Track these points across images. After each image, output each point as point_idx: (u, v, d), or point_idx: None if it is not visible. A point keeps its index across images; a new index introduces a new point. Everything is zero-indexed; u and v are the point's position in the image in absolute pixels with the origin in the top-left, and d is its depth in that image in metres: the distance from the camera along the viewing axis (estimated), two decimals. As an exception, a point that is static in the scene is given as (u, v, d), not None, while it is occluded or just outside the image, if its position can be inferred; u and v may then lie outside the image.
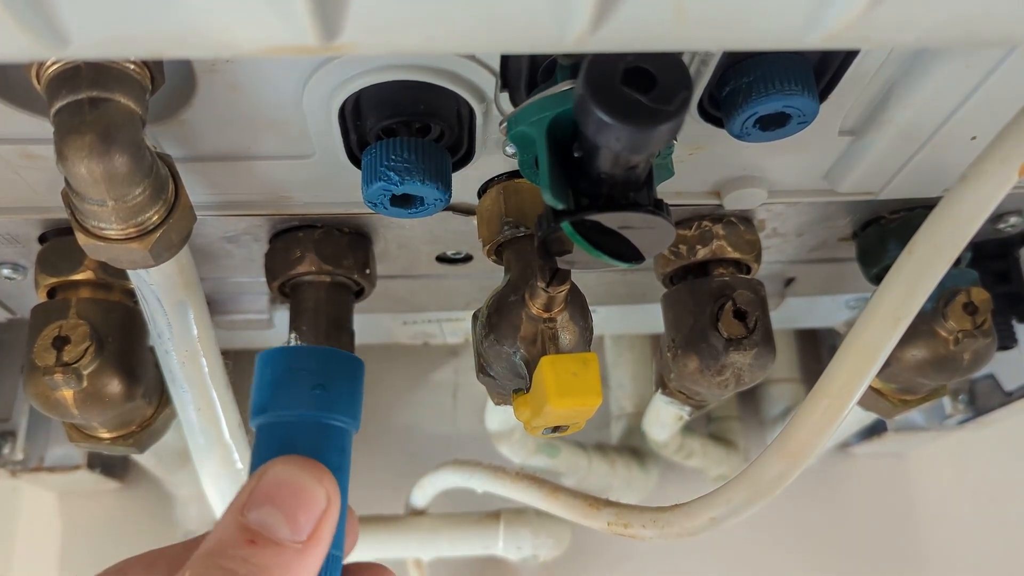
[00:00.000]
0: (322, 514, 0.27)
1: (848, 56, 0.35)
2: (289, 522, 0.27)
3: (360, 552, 0.73)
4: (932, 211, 0.28)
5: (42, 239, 0.48)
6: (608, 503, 0.55)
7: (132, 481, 0.88)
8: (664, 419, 0.68)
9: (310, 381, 0.33)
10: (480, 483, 0.66)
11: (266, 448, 0.31)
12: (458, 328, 0.74)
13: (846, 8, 0.22)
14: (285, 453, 0.30)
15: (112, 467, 0.84)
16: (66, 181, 0.33)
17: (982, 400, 0.73)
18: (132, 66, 0.32)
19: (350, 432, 0.34)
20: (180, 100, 0.36)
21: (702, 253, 0.49)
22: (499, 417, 0.77)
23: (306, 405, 0.32)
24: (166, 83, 0.34)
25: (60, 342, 0.45)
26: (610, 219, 0.29)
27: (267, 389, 0.33)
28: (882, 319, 0.27)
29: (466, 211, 0.46)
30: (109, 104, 0.31)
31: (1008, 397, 0.70)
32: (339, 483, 0.30)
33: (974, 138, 0.39)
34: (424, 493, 0.73)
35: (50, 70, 0.31)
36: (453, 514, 0.73)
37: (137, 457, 0.60)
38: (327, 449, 0.32)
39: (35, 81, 0.32)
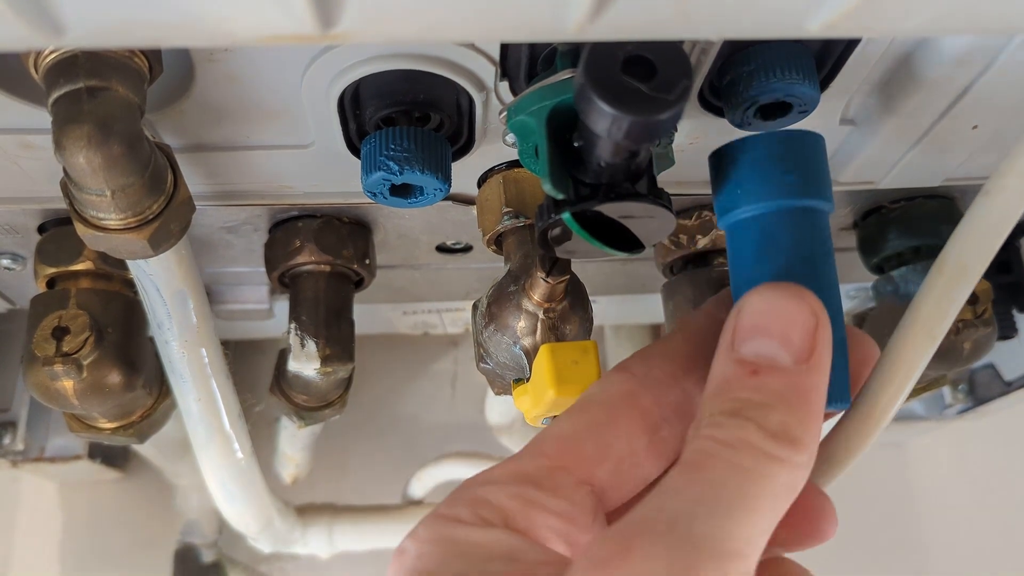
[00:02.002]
0: (815, 330, 0.26)
1: (849, 45, 0.35)
2: (785, 346, 0.26)
3: (360, 542, 0.73)
4: (957, 227, 0.28)
5: (41, 229, 0.48)
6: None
7: (133, 471, 0.88)
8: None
9: (779, 168, 0.30)
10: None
11: (745, 248, 0.30)
12: (458, 318, 0.74)
13: (847, -5, 0.22)
14: (765, 249, 0.29)
15: (112, 457, 0.84)
16: (64, 171, 0.33)
17: (982, 390, 0.73)
18: (130, 55, 0.31)
19: (827, 214, 0.31)
20: (179, 90, 0.36)
21: (703, 243, 0.49)
22: (499, 409, 0.77)
23: (781, 194, 0.30)
24: (164, 72, 0.34)
25: (60, 332, 0.44)
26: (610, 209, 0.29)
27: (733, 186, 0.30)
28: (916, 337, 0.28)
29: (466, 201, 0.46)
30: (107, 94, 0.31)
31: (1008, 387, 0.70)
32: (828, 272, 0.29)
33: (975, 127, 0.39)
34: (423, 484, 0.73)
35: (47, 59, 0.31)
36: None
37: (137, 447, 0.60)
38: (811, 238, 0.30)
39: (33, 70, 0.32)
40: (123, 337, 0.47)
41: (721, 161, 0.31)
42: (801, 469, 0.25)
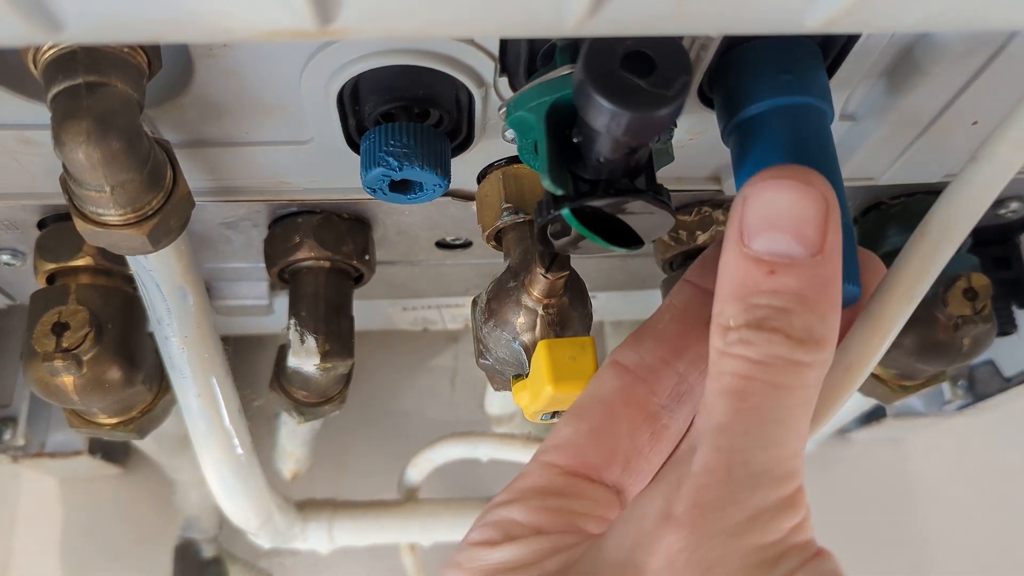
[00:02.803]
0: (826, 217, 0.25)
1: (849, 41, 0.35)
2: (799, 240, 0.24)
3: (360, 537, 0.74)
4: (944, 191, 0.29)
5: (41, 225, 0.48)
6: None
7: (133, 466, 0.89)
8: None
9: (774, 68, 0.30)
10: (487, 452, 0.66)
11: (746, 152, 0.30)
12: (458, 314, 0.74)
13: (847, -8, 0.22)
14: (765, 151, 0.29)
15: (113, 453, 0.84)
16: (64, 167, 0.33)
17: (981, 386, 0.73)
18: (129, 51, 0.31)
19: (828, 116, 0.31)
20: (178, 85, 0.36)
21: (702, 239, 0.49)
22: (499, 402, 0.77)
23: (777, 92, 0.30)
24: (163, 68, 0.34)
25: (59, 328, 0.45)
26: (610, 205, 0.29)
27: (730, 92, 0.31)
28: (895, 298, 0.28)
29: (465, 197, 0.46)
30: (106, 89, 0.31)
31: (1007, 383, 0.70)
32: (831, 171, 0.28)
33: (976, 123, 0.39)
34: (419, 470, 0.73)
35: (46, 55, 0.31)
36: (451, 499, 0.74)
37: (137, 443, 0.60)
38: (810, 134, 0.30)
39: (32, 66, 0.32)
40: (123, 333, 0.47)
41: (723, 77, 0.32)
42: (828, 362, 0.25)
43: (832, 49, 0.35)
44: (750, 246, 0.25)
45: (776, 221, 0.25)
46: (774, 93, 0.31)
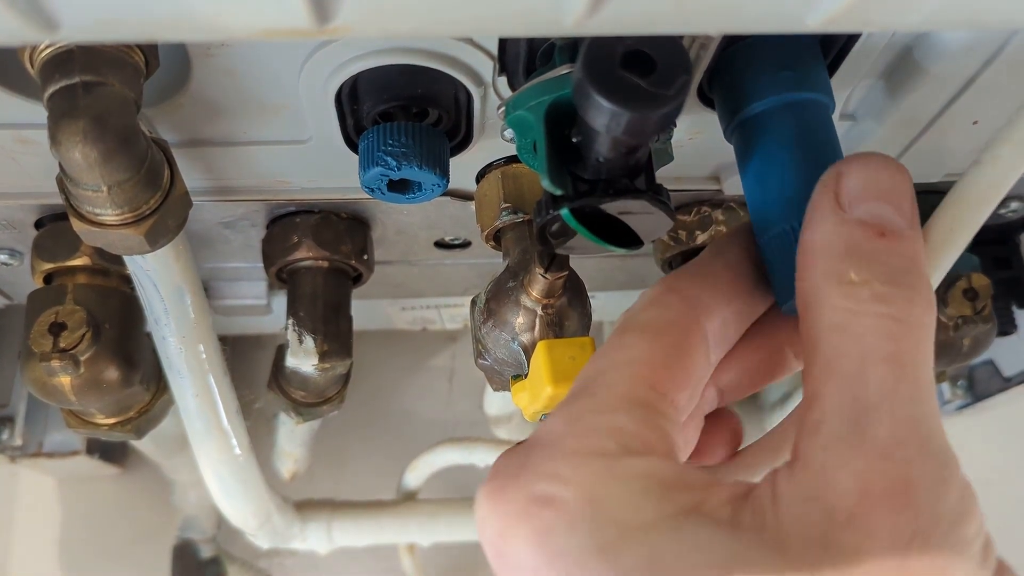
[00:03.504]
0: (913, 199, 0.26)
1: (849, 40, 0.34)
2: (898, 211, 0.25)
3: (359, 537, 0.73)
4: (948, 194, 0.29)
5: (38, 224, 0.48)
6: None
7: (131, 466, 0.88)
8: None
9: (773, 66, 0.31)
10: (483, 457, 0.65)
11: (751, 148, 0.31)
12: (457, 314, 0.74)
13: (847, -10, 0.22)
14: (772, 147, 0.30)
15: (111, 453, 0.84)
16: (60, 166, 0.33)
17: (981, 386, 0.73)
18: (126, 50, 0.31)
19: (830, 109, 0.32)
20: (175, 85, 0.36)
21: (702, 239, 0.49)
22: (498, 403, 0.77)
23: (780, 89, 0.31)
24: (161, 67, 0.34)
25: (57, 328, 0.44)
26: (609, 205, 0.29)
27: (733, 90, 0.32)
28: None
29: (464, 196, 0.46)
30: (103, 88, 0.30)
31: (1007, 383, 0.70)
32: (831, 156, 0.30)
33: (976, 122, 0.39)
34: (418, 475, 0.73)
35: (43, 54, 0.31)
36: (450, 499, 0.73)
37: (135, 443, 0.60)
38: (816, 130, 0.31)
39: (28, 65, 0.31)
40: (120, 333, 0.47)
41: (725, 74, 0.32)
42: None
43: (832, 48, 0.35)
44: (852, 211, 0.25)
45: (878, 191, 0.25)
46: (778, 90, 0.31)
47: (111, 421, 0.51)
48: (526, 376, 0.38)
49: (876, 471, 0.22)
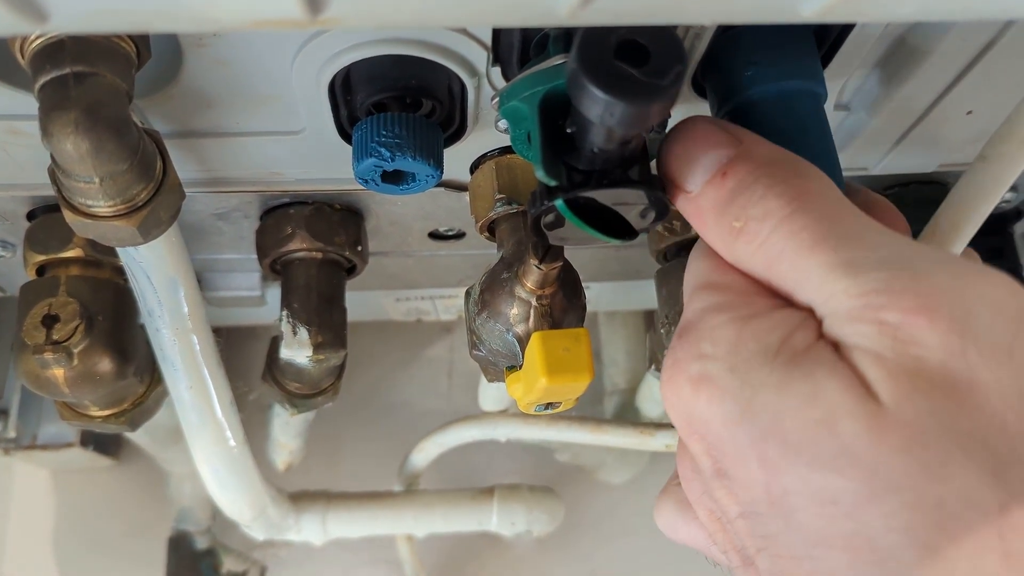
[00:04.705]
0: (706, 129, 0.28)
1: (844, 30, 0.34)
2: (719, 147, 0.28)
3: (354, 529, 0.73)
4: (952, 189, 0.29)
5: (30, 216, 0.48)
6: (659, 426, 0.56)
7: (125, 458, 0.88)
8: (657, 395, 0.68)
9: (765, 56, 0.32)
10: (507, 432, 0.66)
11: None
12: (451, 305, 0.74)
13: (842, -20, 0.22)
14: (758, 132, 0.30)
15: (105, 445, 0.84)
16: (52, 158, 0.33)
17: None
18: (117, 40, 0.31)
19: (822, 98, 0.32)
20: (167, 75, 0.35)
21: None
22: (492, 395, 0.77)
23: (770, 77, 0.31)
24: (153, 58, 0.33)
25: (50, 320, 0.44)
26: (604, 196, 0.29)
27: (724, 78, 0.32)
28: None
29: (458, 187, 0.46)
30: (94, 79, 0.30)
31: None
32: (828, 153, 0.31)
33: (970, 112, 0.39)
34: (426, 455, 0.73)
35: (34, 44, 0.30)
36: (446, 490, 0.74)
37: (129, 435, 0.60)
38: (806, 118, 0.31)
39: (19, 56, 0.31)
40: (113, 325, 0.46)
41: (716, 62, 0.33)
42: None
43: (827, 39, 0.35)
44: (694, 186, 0.28)
45: (690, 154, 0.28)
46: (768, 79, 0.31)
47: (105, 413, 0.51)
48: (521, 367, 0.38)
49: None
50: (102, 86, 0.30)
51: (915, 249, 0.25)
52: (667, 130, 0.30)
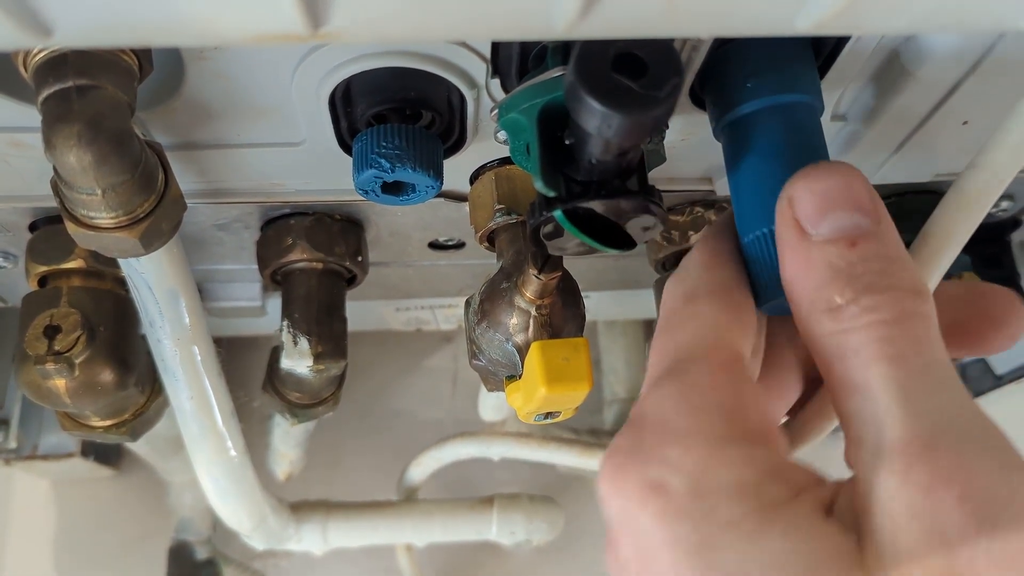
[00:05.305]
0: (870, 188, 0.26)
1: (840, 42, 0.35)
2: (860, 211, 0.25)
3: (355, 538, 0.73)
4: (943, 198, 0.29)
5: (32, 227, 0.48)
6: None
7: (126, 469, 0.88)
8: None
9: (762, 68, 0.32)
10: (501, 451, 0.66)
11: (739, 150, 0.31)
12: (451, 315, 0.74)
13: (836, -6, 0.22)
14: (759, 148, 0.30)
15: (106, 455, 0.84)
16: (55, 170, 0.33)
17: (973, 384, 0.73)
18: (119, 53, 0.31)
19: (818, 111, 0.33)
20: (169, 88, 0.36)
21: (695, 239, 0.49)
22: (492, 404, 0.77)
23: (768, 91, 0.31)
24: (154, 71, 0.34)
25: (51, 331, 0.44)
26: (602, 206, 0.29)
27: (722, 90, 0.32)
28: None
29: (458, 198, 0.46)
30: (97, 92, 0.31)
31: (999, 381, 0.70)
32: (818, 156, 0.30)
33: (966, 123, 0.39)
34: (423, 469, 0.73)
35: (37, 58, 0.31)
36: (446, 500, 0.74)
37: (130, 445, 0.60)
38: (802, 131, 0.31)
39: (22, 69, 0.31)
40: (115, 335, 0.47)
41: (714, 75, 0.33)
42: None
43: (823, 50, 0.35)
44: (818, 232, 0.25)
45: (833, 202, 0.25)
46: (766, 91, 0.31)
47: (106, 423, 0.51)
48: (520, 377, 0.38)
49: (927, 475, 0.22)
50: (104, 99, 0.31)
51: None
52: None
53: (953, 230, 0.29)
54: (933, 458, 0.22)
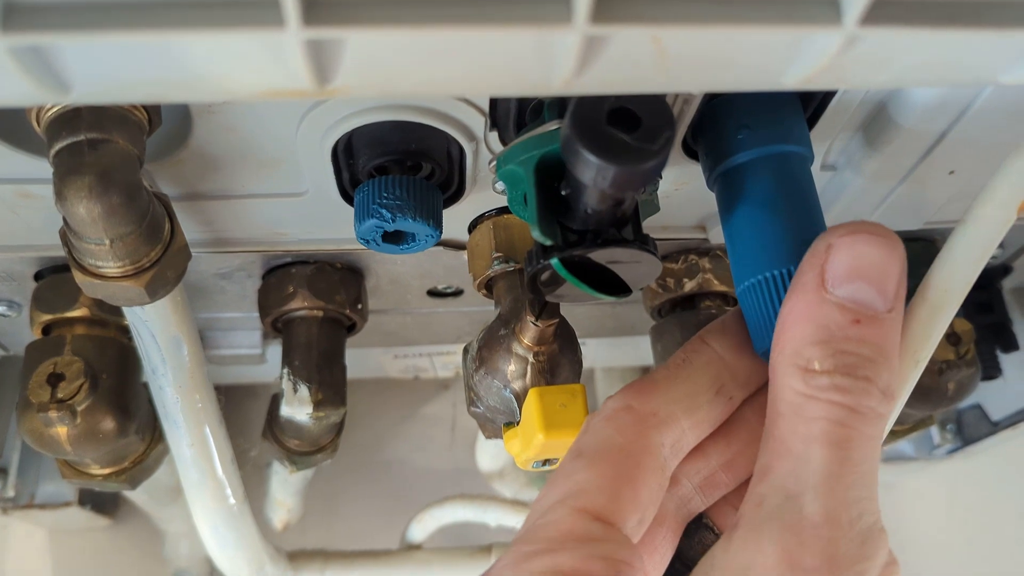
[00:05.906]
0: (902, 277, 0.26)
1: (827, 95, 0.36)
2: (881, 294, 0.25)
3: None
4: (938, 256, 0.29)
5: (38, 276, 0.49)
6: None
7: (122, 518, 0.88)
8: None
9: (752, 120, 0.32)
10: (495, 518, 0.65)
11: (732, 199, 0.32)
12: (449, 362, 0.74)
13: (821, 52, 0.23)
14: (752, 199, 0.30)
15: (102, 504, 0.83)
16: (64, 220, 0.33)
17: (970, 430, 0.74)
18: (130, 108, 0.32)
19: (809, 161, 0.33)
20: (177, 141, 0.37)
21: (689, 286, 0.49)
22: (490, 453, 0.77)
23: (759, 142, 0.32)
24: (163, 124, 0.35)
25: (55, 379, 0.45)
26: (598, 255, 0.30)
27: (714, 142, 0.33)
28: (903, 364, 0.28)
29: (457, 246, 0.46)
30: (108, 146, 0.31)
31: (995, 427, 0.70)
32: (815, 215, 0.30)
33: (952, 172, 0.40)
34: (424, 527, 0.73)
35: (50, 113, 0.32)
36: (445, 548, 0.73)
37: (128, 493, 0.60)
38: (794, 181, 0.31)
39: (35, 123, 0.32)
40: (117, 383, 0.47)
41: (706, 127, 0.34)
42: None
43: (811, 103, 0.36)
44: (834, 292, 0.26)
45: (864, 272, 0.26)
46: (757, 142, 0.32)
47: (106, 471, 0.51)
48: (518, 423, 0.38)
49: (806, 547, 0.24)
50: (115, 152, 0.31)
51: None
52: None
53: (950, 288, 0.29)
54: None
